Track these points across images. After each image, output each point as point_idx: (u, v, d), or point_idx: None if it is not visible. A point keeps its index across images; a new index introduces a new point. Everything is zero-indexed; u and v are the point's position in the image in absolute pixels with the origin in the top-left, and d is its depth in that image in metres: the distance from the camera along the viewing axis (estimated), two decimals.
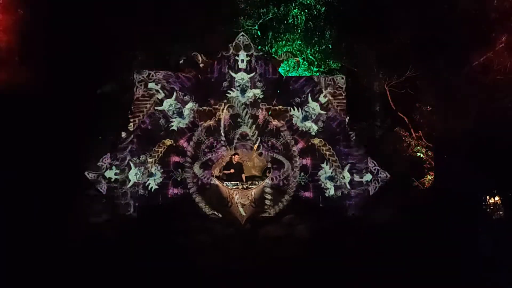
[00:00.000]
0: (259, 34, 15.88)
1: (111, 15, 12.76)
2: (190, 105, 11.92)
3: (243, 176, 11.73)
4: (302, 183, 11.92)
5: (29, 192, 10.59)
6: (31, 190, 10.64)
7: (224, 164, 11.85)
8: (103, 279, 7.67)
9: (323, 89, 12.28)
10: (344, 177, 12.06)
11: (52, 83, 11.73)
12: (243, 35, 12.47)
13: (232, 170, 11.58)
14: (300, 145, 12.07)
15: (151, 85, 11.82)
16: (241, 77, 12.10)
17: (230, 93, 12.00)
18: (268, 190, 11.63)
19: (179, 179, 11.62)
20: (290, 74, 14.19)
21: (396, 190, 13.14)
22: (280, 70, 12.77)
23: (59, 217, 10.12)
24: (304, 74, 14.53)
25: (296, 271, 8.31)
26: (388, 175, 12.21)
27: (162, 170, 11.63)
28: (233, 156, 11.72)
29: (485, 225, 11.30)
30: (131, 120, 11.80)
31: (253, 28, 15.56)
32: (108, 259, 8.28)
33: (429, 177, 13.94)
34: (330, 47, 15.28)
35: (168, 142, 11.73)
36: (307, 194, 11.91)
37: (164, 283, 7.77)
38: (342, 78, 12.54)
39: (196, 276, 7.95)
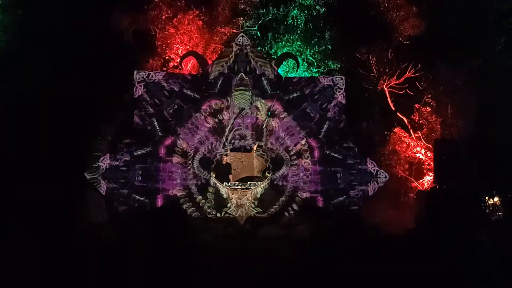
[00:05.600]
0: (259, 35, 15.89)
1: (111, 15, 12.78)
2: (189, 105, 11.91)
3: (230, 176, 11.73)
4: (301, 184, 11.92)
5: (28, 192, 10.58)
6: (31, 190, 10.63)
7: (215, 164, 11.83)
8: (103, 279, 7.66)
9: (322, 90, 12.30)
10: (343, 178, 12.06)
11: (52, 84, 11.74)
12: (242, 36, 12.48)
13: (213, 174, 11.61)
14: (299, 145, 12.07)
15: (150, 85, 11.82)
16: (241, 78, 12.10)
17: (229, 94, 12.01)
18: (267, 190, 11.64)
19: (178, 180, 11.61)
20: (289, 75, 14.19)
21: (395, 190, 13.16)
22: (279, 70, 12.78)
23: (59, 218, 10.10)
24: (303, 75, 14.53)
25: (295, 271, 8.31)
26: (387, 176, 12.22)
27: (161, 171, 11.60)
28: (223, 157, 11.75)
29: (484, 226, 11.31)
30: (131, 120, 11.81)
31: (252, 28, 15.56)
32: (108, 259, 8.27)
33: (428, 177, 13.95)
34: (330, 48, 15.29)
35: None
36: (306, 194, 11.91)
37: (163, 283, 7.77)
38: (342, 78, 12.55)
39: (195, 276, 7.95)
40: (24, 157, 10.92)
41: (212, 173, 11.67)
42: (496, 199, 13.24)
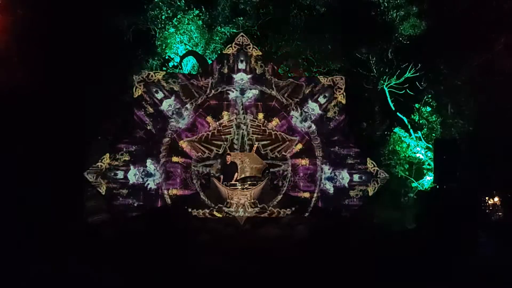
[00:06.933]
0: (259, 34, 15.88)
1: (111, 15, 12.78)
2: (189, 105, 11.92)
3: (236, 175, 11.74)
4: (301, 184, 11.93)
5: (28, 192, 10.57)
6: (31, 190, 10.62)
7: (219, 166, 11.86)
8: (102, 280, 7.65)
9: (322, 90, 12.30)
10: (343, 178, 12.07)
11: (52, 83, 11.73)
12: (242, 36, 12.49)
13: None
14: (300, 145, 12.07)
15: (150, 85, 11.82)
16: (241, 78, 12.12)
17: (229, 94, 12.02)
18: (267, 190, 11.65)
19: (178, 180, 11.62)
20: (289, 75, 14.18)
21: (395, 191, 13.15)
22: (279, 70, 12.79)
23: (59, 218, 10.10)
24: (303, 75, 14.52)
25: (295, 272, 8.29)
26: (387, 176, 12.22)
27: (161, 171, 11.63)
28: (227, 157, 11.77)
29: (484, 226, 11.30)
30: (131, 120, 11.82)
31: (252, 28, 15.55)
32: (107, 259, 8.26)
33: (428, 178, 13.94)
34: (330, 48, 15.28)
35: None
36: (306, 194, 11.91)
37: (163, 283, 7.75)
38: (342, 78, 12.55)
39: (195, 276, 7.94)
40: (23, 158, 10.91)
41: (212, 172, 11.69)
42: (496, 199, 13.23)
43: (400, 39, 14.39)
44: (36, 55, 11.79)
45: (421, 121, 14.51)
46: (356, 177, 12.11)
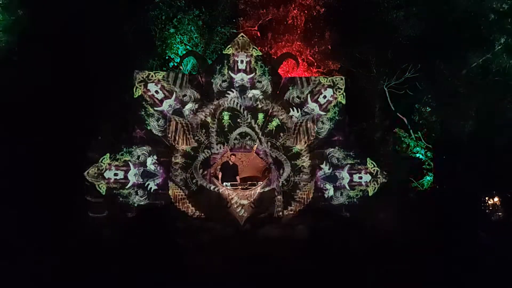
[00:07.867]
0: (259, 35, 15.91)
1: (111, 15, 12.79)
2: (189, 105, 11.92)
3: (238, 178, 11.75)
4: (302, 184, 11.92)
5: (28, 192, 10.58)
6: (31, 190, 10.63)
7: (220, 165, 11.86)
8: (102, 280, 7.66)
9: (322, 90, 12.31)
10: (343, 178, 12.07)
11: (52, 84, 11.75)
12: (242, 36, 12.50)
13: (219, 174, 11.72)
14: (299, 145, 12.07)
15: (150, 85, 11.83)
16: (241, 78, 12.11)
17: (229, 94, 12.02)
18: (267, 190, 11.64)
19: (178, 180, 11.61)
20: (289, 75, 14.19)
21: (395, 191, 13.15)
22: (279, 71, 12.79)
23: (59, 218, 10.10)
24: (303, 75, 14.53)
25: (295, 272, 8.31)
26: (387, 176, 12.22)
27: (161, 171, 11.62)
28: (230, 157, 11.76)
29: (484, 226, 11.31)
30: (131, 120, 11.81)
31: (252, 29, 15.58)
32: (108, 259, 8.27)
33: (428, 178, 13.95)
34: (330, 48, 15.30)
35: None
36: (306, 195, 11.90)
37: (163, 283, 7.77)
38: (342, 79, 12.56)
39: (195, 276, 7.95)
40: (23, 157, 10.92)
41: (212, 172, 11.69)
42: (496, 199, 13.25)
43: (400, 39, 14.40)
44: (35, 55, 11.81)
45: (421, 121, 14.53)
46: (356, 177, 12.11)
